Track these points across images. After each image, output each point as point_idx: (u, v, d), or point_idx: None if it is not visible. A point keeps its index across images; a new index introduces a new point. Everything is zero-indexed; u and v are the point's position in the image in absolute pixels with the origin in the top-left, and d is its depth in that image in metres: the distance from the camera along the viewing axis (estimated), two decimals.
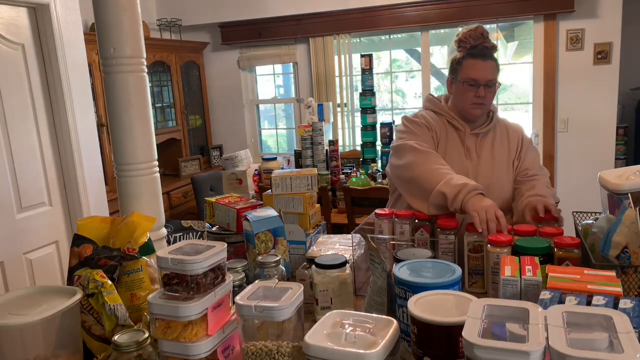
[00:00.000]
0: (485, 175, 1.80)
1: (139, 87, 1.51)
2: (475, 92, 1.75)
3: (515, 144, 1.86)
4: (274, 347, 0.93)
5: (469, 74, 1.75)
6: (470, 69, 1.75)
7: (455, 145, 1.82)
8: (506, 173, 1.83)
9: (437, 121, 1.84)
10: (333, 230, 3.44)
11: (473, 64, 1.75)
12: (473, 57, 1.76)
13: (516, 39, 4.67)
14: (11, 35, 2.59)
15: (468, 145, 1.83)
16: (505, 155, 1.84)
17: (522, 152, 1.86)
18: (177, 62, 4.84)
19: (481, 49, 1.76)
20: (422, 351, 0.90)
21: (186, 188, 4.64)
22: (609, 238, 1.21)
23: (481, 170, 1.81)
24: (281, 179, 1.67)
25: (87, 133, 2.96)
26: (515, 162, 1.85)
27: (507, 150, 1.85)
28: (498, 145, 1.85)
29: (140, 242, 1.24)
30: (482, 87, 1.74)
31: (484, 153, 1.83)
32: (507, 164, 1.84)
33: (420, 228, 1.56)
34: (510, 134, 1.87)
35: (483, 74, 1.74)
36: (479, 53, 1.76)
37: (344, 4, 4.55)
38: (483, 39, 1.76)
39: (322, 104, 4.52)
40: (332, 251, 1.47)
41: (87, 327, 1.12)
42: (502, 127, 1.89)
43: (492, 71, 1.77)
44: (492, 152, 1.84)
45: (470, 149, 1.83)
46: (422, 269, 1.10)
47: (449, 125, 1.85)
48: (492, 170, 1.82)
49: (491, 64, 1.76)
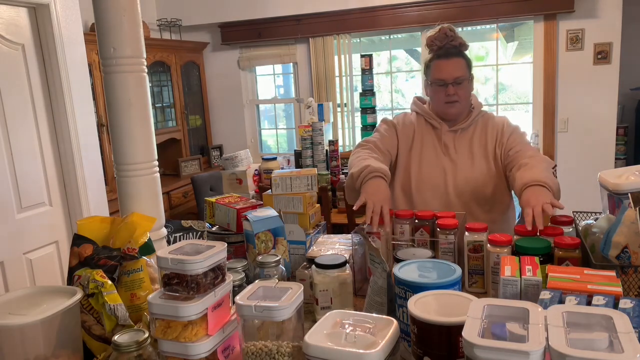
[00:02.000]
0: (463, 170, 1.83)
1: (139, 87, 1.51)
2: (445, 92, 1.80)
3: (494, 135, 1.85)
4: (274, 347, 0.93)
5: (436, 75, 1.82)
6: (437, 69, 1.82)
7: (432, 143, 1.88)
8: (486, 168, 1.83)
9: (415, 123, 1.92)
10: (333, 230, 3.44)
11: (439, 65, 1.81)
12: (438, 57, 1.82)
13: (516, 39, 4.68)
14: (11, 35, 2.59)
15: (446, 142, 1.86)
16: (484, 148, 1.85)
17: (504, 138, 1.84)
18: (177, 62, 4.84)
19: (447, 48, 1.82)
20: (422, 351, 0.90)
21: (186, 188, 4.64)
22: (609, 238, 1.21)
23: (459, 165, 1.84)
24: (281, 179, 1.67)
25: (87, 133, 2.96)
26: (497, 150, 1.84)
27: (485, 143, 1.85)
28: (477, 140, 1.86)
29: (140, 242, 1.24)
30: (450, 85, 1.79)
31: (462, 149, 1.86)
32: (486, 158, 1.84)
33: (420, 228, 1.56)
34: (489, 126, 1.87)
35: (449, 72, 1.79)
36: (444, 53, 1.82)
37: (344, 4, 4.55)
38: (448, 38, 1.81)
39: (322, 104, 4.52)
40: (332, 251, 1.47)
41: (87, 327, 1.12)
42: (483, 121, 1.89)
43: (458, 68, 1.80)
44: (470, 147, 1.86)
45: (449, 146, 1.86)
46: (422, 269, 1.10)
47: (427, 124, 1.91)
48: (471, 165, 1.84)
49: (457, 62, 1.80)
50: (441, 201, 1.83)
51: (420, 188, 1.86)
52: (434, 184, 1.85)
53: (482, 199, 1.82)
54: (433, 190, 1.85)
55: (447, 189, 1.83)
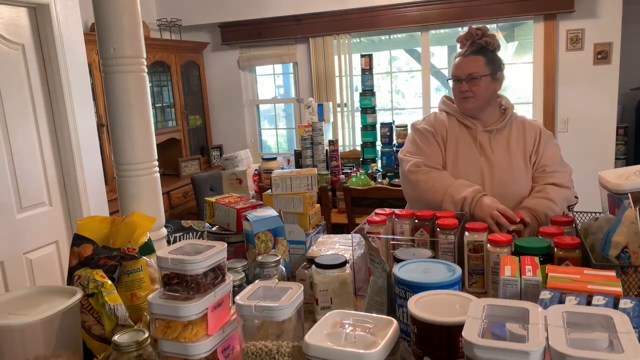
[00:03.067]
0: (501, 171, 1.82)
1: (139, 87, 1.51)
2: (459, 87, 1.83)
3: (533, 139, 1.86)
4: (274, 347, 0.93)
5: (452, 71, 1.87)
6: (454, 66, 1.86)
7: (468, 143, 1.86)
8: (524, 169, 1.83)
9: (446, 122, 1.90)
10: (333, 230, 3.44)
11: (456, 62, 1.86)
12: (459, 55, 1.86)
13: (516, 39, 4.68)
14: (11, 35, 2.59)
15: (481, 142, 1.85)
16: (522, 151, 1.84)
17: (540, 147, 1.85)
18: (177, 62, 4.84)
19: (469, 46, 1.84)
20: (422, 351, 0.90)
21: (186, 188, 4.64)
22: (609, 238, 1.21)
23: (497, 166, 1.82)
24: (281, 179, 1.67)
25: (87, 133, 2.96)
26: (532, 156, 1.85)
27: (523, 145, 1.85)
28: (514, 141, 1.85)
29: (140, 242, 1.24)
30: (464, 81, 1.81)
31: (498, 149, 1.84)
32: (524, 160, 1.84)
33: (420, 228, 1.56)
34: (527, 129, 1.87)
35: (462, 69, 1.82)
36: (465, 51, 1.85)
37: (344, 4, 4.54)
38: (473, 37, 1.83)
39: (322, 104, 4.52)
40: (332, 251, 1.47)
41: (87, 327, 1.12)
42: (518, 123, 1.89)
43: (474, 65, 1.80)
44: (508, 148, 1.85)
45: (484, 146, 1.84)
46: (422, 268, 1.10)
47: (460, 124, 1.89)
48: (508, 166, 1.82)
49: (474, 59, 1.81)
50: None
51: None
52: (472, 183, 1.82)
53: (520, 200, 1.80)
54: None
55: (485, 189, 1.79)
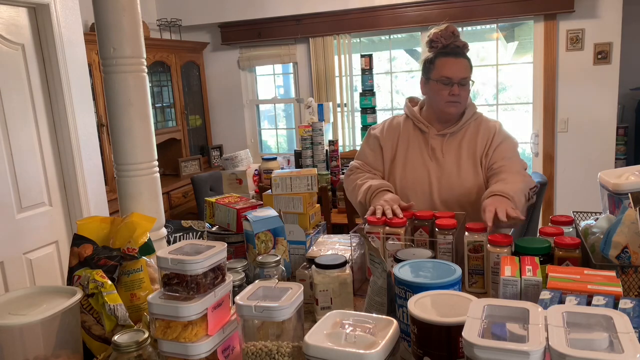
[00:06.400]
0: (449, 175, 1.79)
1: (139, 87, 1.51)
2: (450, 91, 1.76)
3: (485, 142, 1.81)
4: (274, 347, 0.93)
5: (442, 72, 1.76)
6: (443, 67, 1.76)
7: (419, 148, 1.85)
8: (473, 173, 1.79)
9: (401, 126, 1.90)
10: (333, 230, 3.44)
11: (446, 62, 1.76)
12: (445, 55, 1.77)
13: (516, 39, 4.68)
14: (11, 35, 2.59)
15: (433, 146, 1.83)
16: (472, 154, 1.80)
17: (491, 149, 1.80)
18: (177, 62, 4.84)
19: (453, 47, 1.78)
20: (422, 351, 0.90)
21: (186, 188, 4.64)
22: (609, 238, 1.21)
23: (446, 170, 1.80)
24: (281, 179, 1.67)
25: (87, 133, 2.96)
26: (483, 160, 1.80)
27: (474, 148, 1.81)
28: (466, 145, 1.82)
29: (140, 242, 1.24)
30: (456, 85, 1.75)
31: (450, 153, 1.82)
32: (473, 164, 1.80)
33: (419, 228, 1.56)
34: (481, 132, 1.82)
35: (456, 71, 1.75)
36: (451, 51, 1.78)
37: (344, 4, 4.54)
38: (454, 37, 1.78)
39: (322, 104, 4.52)
40: (332, 251, 1.47)
41: (87, 327, 1.12)
42: (476, 125, 1.84)
43: (465, 69, 1.77)
44: (458, 151, 1.81)
45: (436, 150, 1.82)
46: (422, 269, 1.10)
47: (415, 128, 1.88)
48: (457, 170, 1.79)
49: (464, 62, 1.77)
50: (425, 206, 1.78)
51: (405, 191, 1.81)
52: (419, 188, 1.81)
53: (467, 206, 1.76)
54: (418, 194, 1.80)
55: (432, 194, 1.79)
